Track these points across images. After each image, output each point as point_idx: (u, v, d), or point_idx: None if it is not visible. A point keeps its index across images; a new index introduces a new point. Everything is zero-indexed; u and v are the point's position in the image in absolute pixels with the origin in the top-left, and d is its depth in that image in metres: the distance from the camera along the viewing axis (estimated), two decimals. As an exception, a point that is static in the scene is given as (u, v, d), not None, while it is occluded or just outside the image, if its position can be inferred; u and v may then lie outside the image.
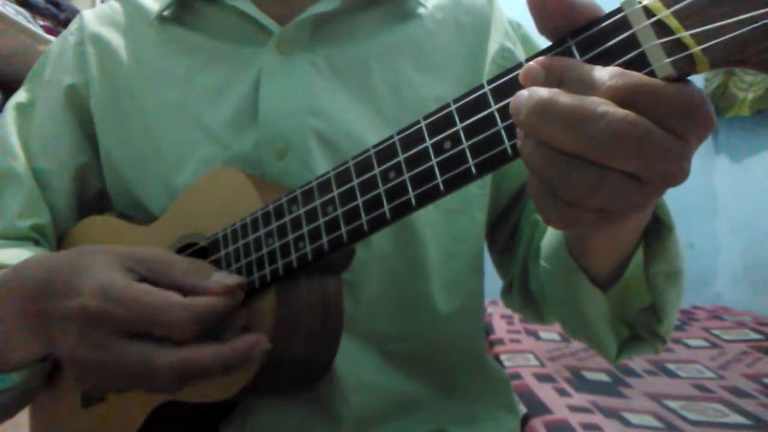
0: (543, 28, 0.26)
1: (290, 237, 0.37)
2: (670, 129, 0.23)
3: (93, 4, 1.71)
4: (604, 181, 0.23)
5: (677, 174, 0.24)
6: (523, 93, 0.24)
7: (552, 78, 0.25)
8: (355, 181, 0.33)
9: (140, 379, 0.34)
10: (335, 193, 0.35)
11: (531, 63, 0.25)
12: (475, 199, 0.53)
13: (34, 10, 1.44)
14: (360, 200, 0.33)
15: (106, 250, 0.37)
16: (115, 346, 0.33)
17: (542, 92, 0.24)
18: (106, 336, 0.33)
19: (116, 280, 0.34)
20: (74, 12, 1.55)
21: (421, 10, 0.54)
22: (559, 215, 0.25)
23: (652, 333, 0.44)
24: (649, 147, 0.22)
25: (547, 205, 0.25)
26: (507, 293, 0.61)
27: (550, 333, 1.67)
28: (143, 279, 0.35)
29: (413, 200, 0.30)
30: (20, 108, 0.56)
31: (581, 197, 0.24)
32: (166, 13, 0.54)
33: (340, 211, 0.34)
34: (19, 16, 1.35)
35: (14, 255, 0.47)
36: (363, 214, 0.33)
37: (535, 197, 0.26)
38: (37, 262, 0.39)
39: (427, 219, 0.49)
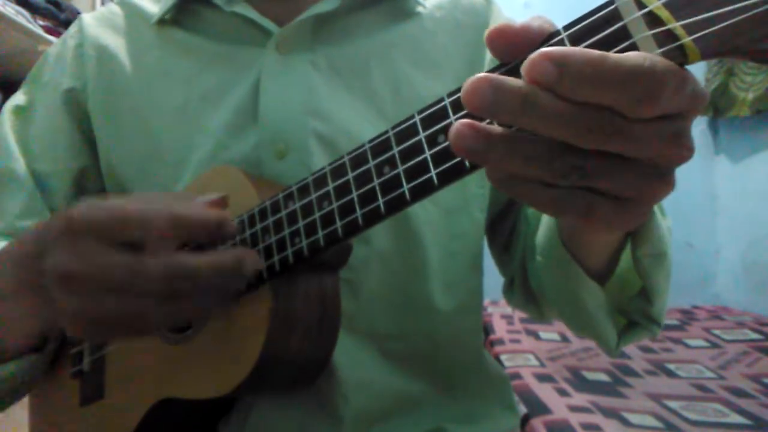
0: (501, 57, 0.26)
1: (286, 232, 0.37)
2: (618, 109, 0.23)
3: (93, 4, 1.71)
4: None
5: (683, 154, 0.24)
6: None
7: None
8: (350, 175, 0.34)
9: (128, 286, 0.33)
10: (330, 187, 0.35)
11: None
12: (475, 197, 0.53)
13: (34, 10, 1.44)
14: (355, 194, 0.33)
15: None
16: (102, 254, 0.33)
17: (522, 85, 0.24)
18: (93, 245, 0.33)
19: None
20: (74, 12, 1.55)
21: (420, 9, 0.55)
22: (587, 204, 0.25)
23: (646, 317, 0.44)
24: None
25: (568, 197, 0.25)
26: (509, 291, 0.61)
27: (550, 333, 1.66)
28: None
29: (407, 194, 0.30)
30: (18, 111, 0.56)
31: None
32: (166, 16, 0.54)
33: (335, 205, 0.34)
34: (19, 16, 1.35)
35: None
36: (358, 208, 0.33)
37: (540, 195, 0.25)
38: (32, 226, 0.41)
39: (427, 218, 0.49)
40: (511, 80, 0.23)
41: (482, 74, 0.24)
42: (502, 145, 0.24)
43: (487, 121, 0.25)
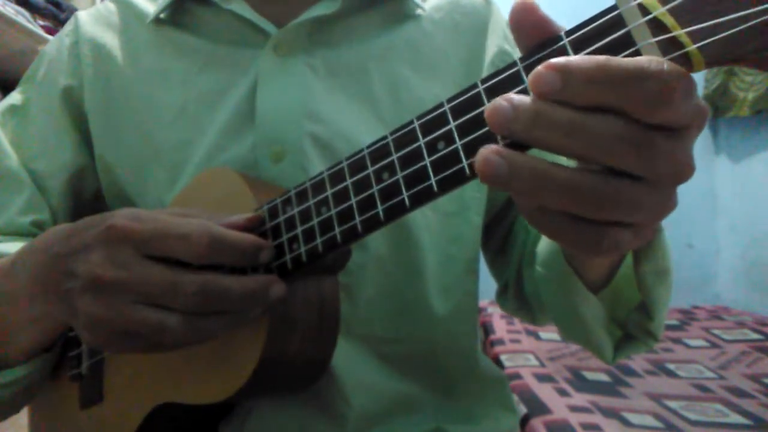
0: (521, 40, 0.26)
1: (284, 238, 0.37)
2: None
3: (93, 4, 1.70)
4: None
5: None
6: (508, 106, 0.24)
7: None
8: (349, 181, 0.33)
9: (162, 298, 0.33)
10: (329, 193, 0.34)
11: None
12: (472, 201, 0.53)
13: (34, 10, 1.43)
14: (354, 200, 0.33)
15: None
16: (139, 264, 0.33)
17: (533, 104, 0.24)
18: (131, 255, 0.33)
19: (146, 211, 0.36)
20: (74, 12, 1.55)
21: (418, 11, 0.54)
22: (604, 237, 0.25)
23: (644, 331, 0.44)
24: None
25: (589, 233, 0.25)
26: (502, 296, 0.61)
27: (550, 333, 1.66)
28: None
29: (407, 201, 0.30)
30: (13, 110, 0.55)
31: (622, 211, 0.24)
32: (162, 15, 0.53)
33: (333, 211, 0.34)
34: (19, 16, 1.35)
35: (17, 246, 0.47)
36: (357, 215, 0.33)
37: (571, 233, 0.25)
38: (61, 226, 0.40)
39: (424, 222, 0.49)
40: (524, 97, 0.24)
41: (503, 95, 0.24)
42: (528, 172, 0.24)
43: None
